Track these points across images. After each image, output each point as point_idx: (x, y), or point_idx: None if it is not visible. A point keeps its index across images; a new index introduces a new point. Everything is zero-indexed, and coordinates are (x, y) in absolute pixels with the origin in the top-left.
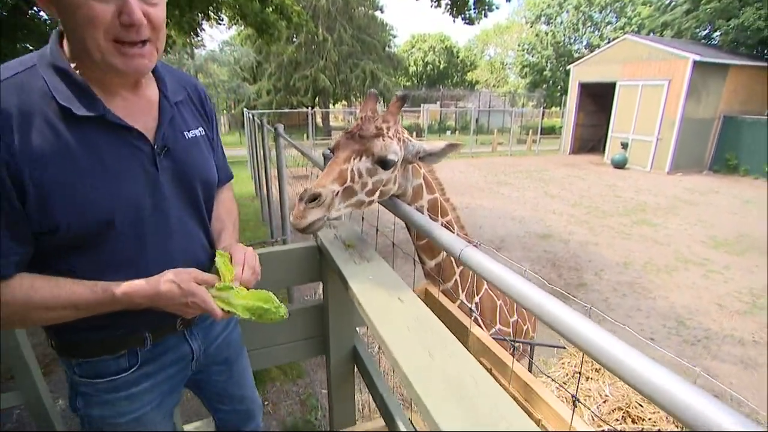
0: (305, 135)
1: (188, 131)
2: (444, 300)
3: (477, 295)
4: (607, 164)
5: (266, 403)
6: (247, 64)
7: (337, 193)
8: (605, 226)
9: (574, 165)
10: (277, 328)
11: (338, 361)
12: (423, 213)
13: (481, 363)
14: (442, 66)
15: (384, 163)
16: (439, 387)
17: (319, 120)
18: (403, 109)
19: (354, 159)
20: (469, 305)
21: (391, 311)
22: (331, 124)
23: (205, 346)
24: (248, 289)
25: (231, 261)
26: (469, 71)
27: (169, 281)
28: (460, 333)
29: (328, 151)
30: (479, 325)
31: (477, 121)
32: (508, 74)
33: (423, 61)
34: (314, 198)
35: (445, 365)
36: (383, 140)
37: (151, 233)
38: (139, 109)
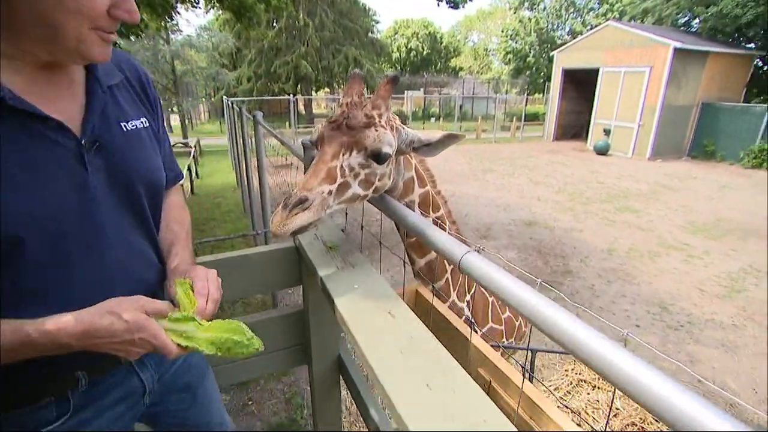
0: (287, 123)
1: (127, 122)
2: (439, 305)
3: (468, 293)
4: (590, 150)
5: (250, 402)
6: (226, 50)
7: (330, 192)
8: (589, 212)
9: (558, 151)
10: None
11: (322, 372)
12: (414, 208)
13: (479, 374)
14: (425, 52)
15: (378, 157)
16: (441, 429)
17: (301, 107)
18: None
19: (343, 154)
20: (461, 304)
21: (381, 330)
22: (314, 111)
23: (160, 374)
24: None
25: (192, 289)
26: (452, 57)
27: (108, 313)
28: (459, 342)
29: (308, 141)
30: (472, 326)
31: (461, 107)
32: (492, 60)
33: (406, 48)
34: (301, 203)
35: (447, 400)
36: (375, 130)
37: (80, 252)
38: (57, 93)
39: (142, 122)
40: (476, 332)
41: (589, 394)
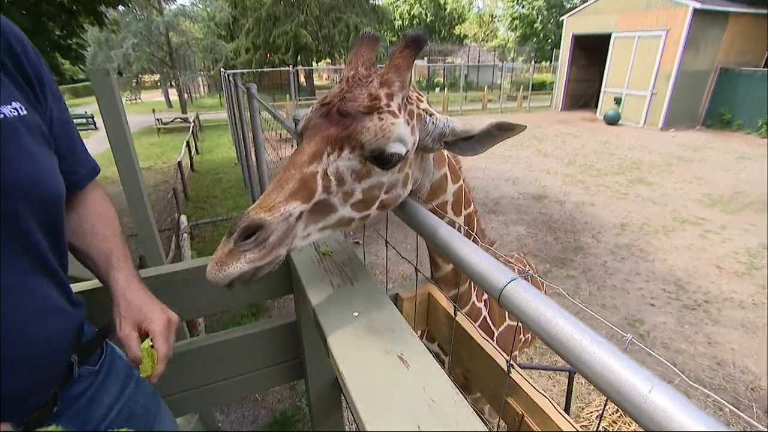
0: (288, 95)
1: None
2: (463, 321)
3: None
4: (600, 120)
5: None
6: (222, 19)
7: (300, 215)
8: (601, 185)
9: (567, 122)
10: (241, 354)
11: (320, 388)
12: (446, 210)
13: (509, 405)
14: (429, 19)
15: (381, 159)
16: None
17: (302, 79)
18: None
19: (328, 155)
20: (479, 304)
21: (389, 386)
22: (315, 83)
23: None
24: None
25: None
26: (457, 25)
27: None
28: (486, 364)
29: (301, 117)
30: (489, 324)
31: (466, 77)
32: (498, 27)
33: (409, 15)
34: (253, 232)
35: None
36: (380, 119)
37: None
38: None
39: (15, 109)
40: (491, 326)
41: (637, 428)
